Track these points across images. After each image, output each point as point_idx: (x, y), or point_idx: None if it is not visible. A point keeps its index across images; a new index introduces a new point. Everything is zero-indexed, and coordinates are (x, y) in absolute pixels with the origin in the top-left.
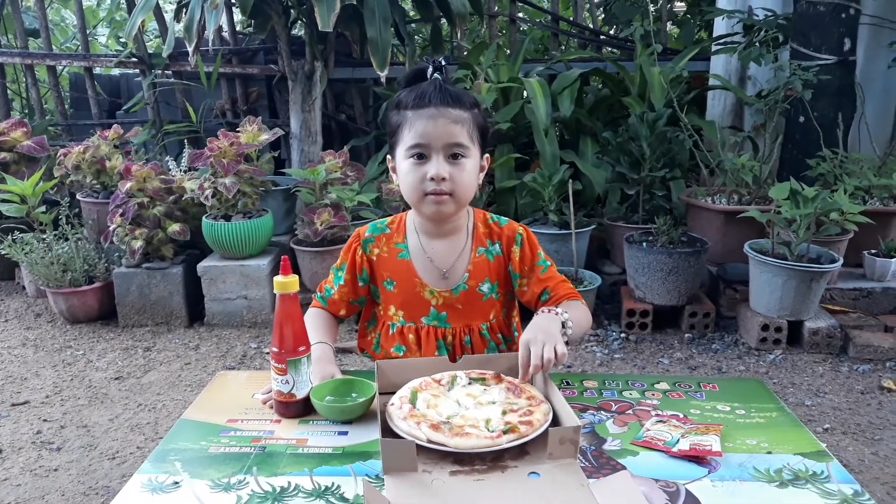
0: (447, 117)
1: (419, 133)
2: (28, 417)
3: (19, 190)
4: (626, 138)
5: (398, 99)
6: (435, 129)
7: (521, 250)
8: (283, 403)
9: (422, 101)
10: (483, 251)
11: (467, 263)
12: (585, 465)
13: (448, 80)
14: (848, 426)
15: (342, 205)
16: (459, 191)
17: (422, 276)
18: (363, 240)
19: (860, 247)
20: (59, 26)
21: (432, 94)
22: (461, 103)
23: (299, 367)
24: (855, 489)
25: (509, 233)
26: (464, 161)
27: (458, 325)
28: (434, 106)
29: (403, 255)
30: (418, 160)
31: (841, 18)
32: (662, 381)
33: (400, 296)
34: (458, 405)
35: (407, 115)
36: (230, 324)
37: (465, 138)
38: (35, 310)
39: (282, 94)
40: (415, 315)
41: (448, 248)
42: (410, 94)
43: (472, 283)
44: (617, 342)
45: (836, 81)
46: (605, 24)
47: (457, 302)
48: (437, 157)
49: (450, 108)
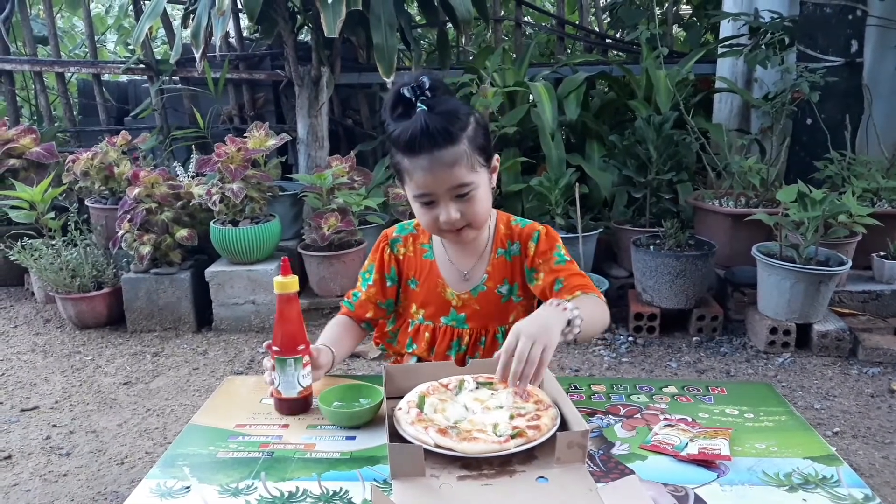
0: (443, 162)
1: (420, 184)
2: (37, 423)
3: (28, 196)
4: (633, 141)
5: (390, 135)
6: (434, 180)
7: (537, 245)
8: (274, 396)
9: (413, 149)
10: (502, 252)
11: (486, 265)
12: (594, 470)
13: (439, 93)
14: (858, 430)
15: (349, 209)
16: (476, 219)
17: (444, 277)
18: (391, 240)
19: (869, 249)
20: (68, 34)
21: (421, 140)
22: (452, 138)
23: (285, 367)
24: (865, 493)
25: (529, 231)
26: (472, 193)
27: (475, 326)
28: (427, 153)
29: (428, 255)
30: (427, 205)
31: (848, 20)
32: (671, 385)
33: (422, 294)
34: (466, 410)
35: (403, 161)
36: (238, 329)
37: (466, 174)
38: (44, 315)
39: (289, 99)
40: (435, 314)
41: (469, 250)
42: (400, 135)
43: (491, 284)
44: (625, 346)
45: (844, 83)
46: (611, 28)
47: (475, 303)
48: (445, 203)
49: (444, 151)
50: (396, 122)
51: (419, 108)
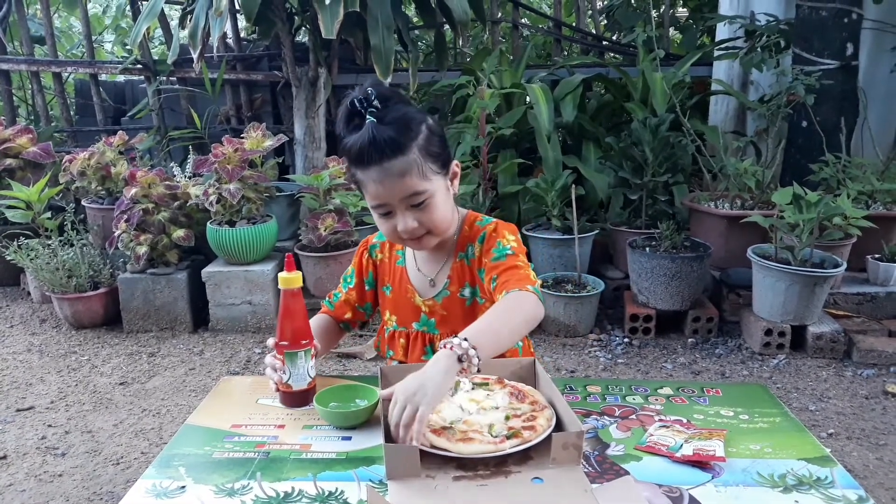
0: (393, 173)
1: (373, 195)
2: (33, 423)
3: (25, 196)
4: (629, 143)
5: (344, 147)
6: (385, 191)
7: (483, 245)
8: (281, 391)
9: (363, 161)
10: (462, 256)
11: (448, 270)
12: (589, 471)
13: (391, 103)
14: (852, 431)
15: (346, 210)
16: (435, 226)
17: (413, 284)
18: (370, 245)
19: (863, 251)
20: (66, 33)
21: (369, 152)
22: (400, 147)
23: (295, 360)
24: (860, 495)
25: (479, 231)
26: (428, 201)
27: (444, 330)
28: (376, 164)
29: (400, 262)
30: (385, 216)
31: (843, 23)
32: (666, 386)
33: (393, 301)
34: (462, 410)
35: (356, 173)
36: (234, 329)
37: (419, 182)
38: (40, 315)
39: (286, 100)
40: (406, 320)
41: (435, 256)
42: (350, 147)
43: (453, 288)
44: (620, 347)
45: (839, 86)
46: (608, 30)
47: (441, 308)
48: (401, 212)
49: (393, 161)
50: (349, 135)
51: (368, 119)
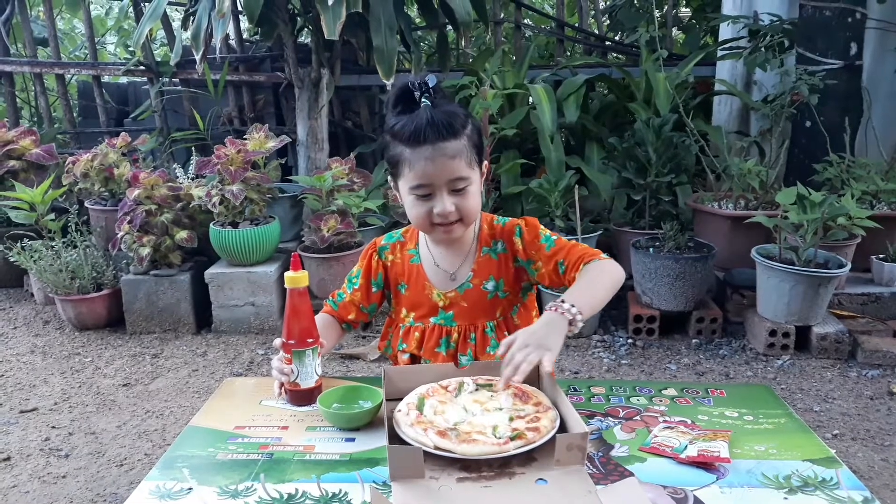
0: (445, 154)
1: (420, 174)
2: (36, 424)
3: (28, 197)
4: (632, 144)
5: (392, 128)
6: (435, 170)
7: (522, 238)
8: (289, 390)
9: (417, 139)
10: (487, 251)
11: (472, 263)
12: (593, 472)
13: (438, 96)
14: (857, 432)
15: (349, 211)
16: (467, 215)
17: (430, 279)
18: (379, 247)
19: (868, 251)
20: (69, 35)
21: (426, 130)
22: (455, 132)
23: (303, 358)
24: (865, 496)
25: (510, 227)
26: (468, 188)
27: (463, 323)
28: (430, 143)
29: (415, 259)
30: (423, 198)
31: (847, 23)
32: (670, 387)
33: (410, 297)
34: (466, 411)
35: (404, 152)
36: (237, 330)
37: (464, 168)
38: (43, 317)
39: (288, 101)
40: (424, 316)
41: (454, 251)
42: (404, 127)
43: (477, 281)
44: (624, 348)
45: (843, 86)
46: (611, 30)
47: (462, 300)
48: (441, 195)
49: (447, 143)
50: (399, 117)
51: (424, 103)
